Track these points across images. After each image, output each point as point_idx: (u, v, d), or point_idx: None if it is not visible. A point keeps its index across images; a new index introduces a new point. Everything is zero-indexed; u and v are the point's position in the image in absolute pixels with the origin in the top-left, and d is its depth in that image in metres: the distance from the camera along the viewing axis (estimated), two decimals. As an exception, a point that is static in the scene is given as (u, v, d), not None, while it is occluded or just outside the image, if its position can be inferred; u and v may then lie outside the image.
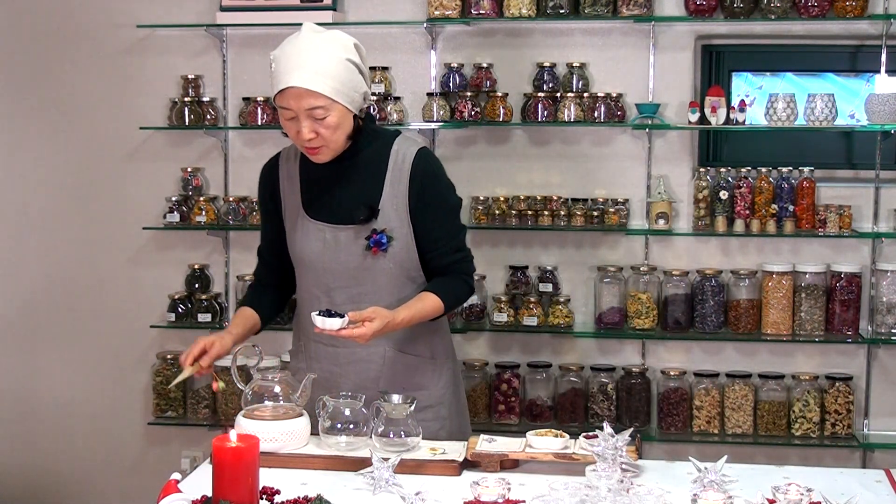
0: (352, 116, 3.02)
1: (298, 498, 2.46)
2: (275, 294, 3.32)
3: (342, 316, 2.86)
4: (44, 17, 4.94)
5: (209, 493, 2.32)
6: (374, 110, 4.51)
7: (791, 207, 4.46)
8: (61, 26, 4.92)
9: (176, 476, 2.39)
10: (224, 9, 4.65)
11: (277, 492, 2.49)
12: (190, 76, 4.78)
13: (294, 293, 3.32)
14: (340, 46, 2.97)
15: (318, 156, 3.03)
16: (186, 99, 4.74)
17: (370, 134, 3.10)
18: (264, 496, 2.45)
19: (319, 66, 2.91)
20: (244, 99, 4.72)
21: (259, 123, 4.67)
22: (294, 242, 3.17)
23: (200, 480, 2.60)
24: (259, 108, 4.65)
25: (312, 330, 2.97)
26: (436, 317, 3.10)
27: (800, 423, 4.48)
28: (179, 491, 2.30)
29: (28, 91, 4.99)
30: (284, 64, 2.92)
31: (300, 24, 4.54)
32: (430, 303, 3.06)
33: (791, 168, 4.48)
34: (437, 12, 4.51)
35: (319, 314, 2.86)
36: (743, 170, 4.50)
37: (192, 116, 4.73)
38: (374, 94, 4.56)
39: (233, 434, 2.31)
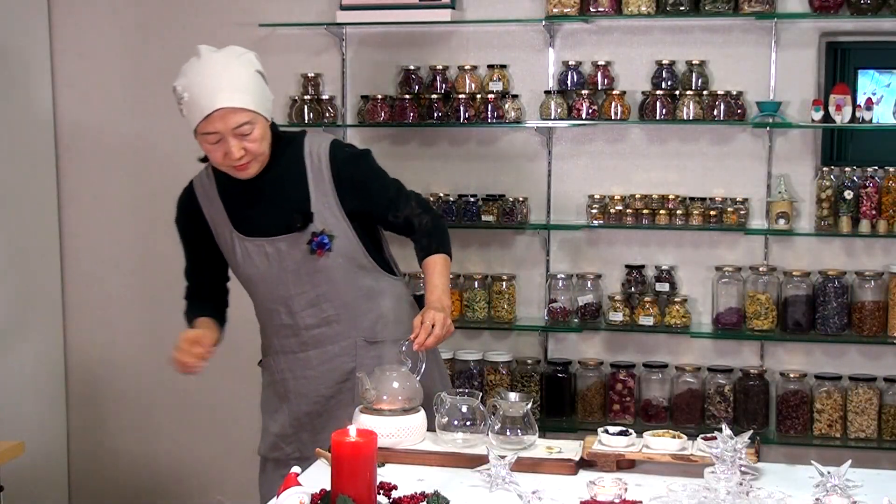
0: (269, 126, 3.07)
1: (415, 494, 2.47)
2: (213, 307, 3.32)
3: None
4: (170, 18, 5.04)
5: (327, 487, 2.35)
6: (489, 109, 4.56)
7: (920, 208, 4.35)
8: (186, 25, 5.01)
9: (296, 470, 2.44)
10: (344, 7, 4.70)
11: (395, 487, 2.51)
12: (310, 74, 4.84)
13: (226, 307, 3.37)
14: (246, 61, 3.02)
15: (248, 171, 3.06)
16: (306, 97, 4.80)
17: (280, 140, 3.13)
18: (381, 491, 2.47)
19: (237, 83, 2.95)
20: (362, 97, 4.77)
21: (378, 121, 4.71)
22: (237, 265, 3.20)
23: (319, 475, 2.65)
24: (378, 106, 4.69)
25: (276, 343, 3.14)
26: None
27: (926, 428, 4.37)
28: (299, 484, 2.34)
29: (156, 87, 5.09)
30: (201, 90, 2.94)
31: (420, 23, 4.62)
32: (441, 264, 3.12)
33: (920, 168, 4.37)
34: (555, 10, 4.49)
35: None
36: (869, 169, 4.39)
37: (312, 114, 4.79)
38: (491, 91, 4.57)
39: (352, 429, 2.34)
